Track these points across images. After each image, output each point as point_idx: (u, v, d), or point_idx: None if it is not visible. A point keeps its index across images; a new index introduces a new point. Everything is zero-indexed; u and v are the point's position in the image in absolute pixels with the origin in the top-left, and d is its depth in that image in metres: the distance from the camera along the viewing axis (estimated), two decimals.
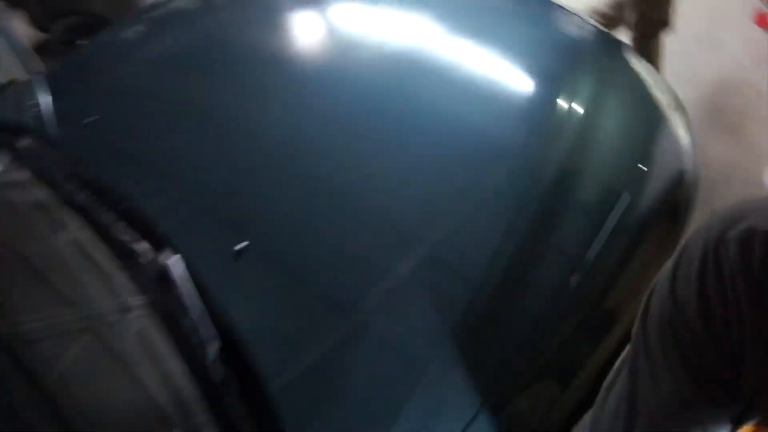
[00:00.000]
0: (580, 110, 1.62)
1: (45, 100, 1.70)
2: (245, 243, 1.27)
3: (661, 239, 1.52)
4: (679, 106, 1.80)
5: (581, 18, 1.98)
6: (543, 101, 1.64)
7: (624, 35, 2.43)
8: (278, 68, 1.69)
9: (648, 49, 2.49)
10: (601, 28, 1.97)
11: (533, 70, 1.73)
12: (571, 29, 1.99)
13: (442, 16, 1.88)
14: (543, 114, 1.60)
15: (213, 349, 1.12)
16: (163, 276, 1.23)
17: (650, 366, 0.71)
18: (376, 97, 1.61)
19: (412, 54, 1.74)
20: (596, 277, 1.36)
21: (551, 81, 1.68)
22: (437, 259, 1.32)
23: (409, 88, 1.64)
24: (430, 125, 1.55)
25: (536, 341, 1.27)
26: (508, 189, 1.41)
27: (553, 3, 2.05)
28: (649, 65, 1.88)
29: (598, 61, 1.88)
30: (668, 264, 0.72)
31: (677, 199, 1.59)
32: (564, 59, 1.80)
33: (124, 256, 1.28)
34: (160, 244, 1.28)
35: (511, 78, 1.72)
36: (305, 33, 1.86)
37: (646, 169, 1.57)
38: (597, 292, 1.36)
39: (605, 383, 0.79)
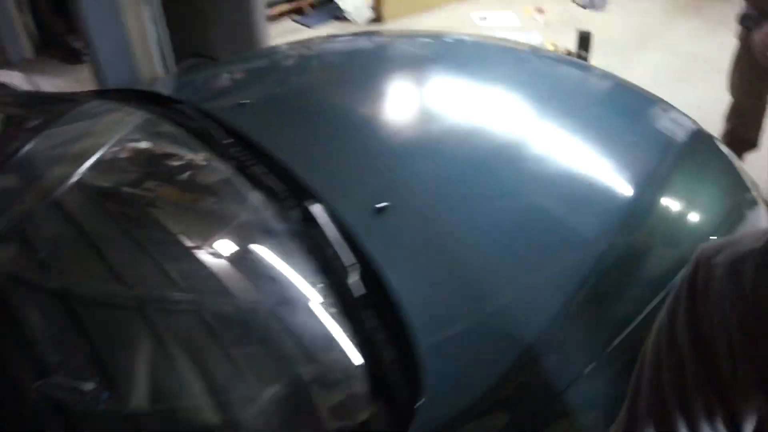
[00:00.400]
0: (662, 198, 1.71)
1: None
2: (385, 203, 1.42)
3: None
4: (761, 195, 1.94)
5: (677, 110, 2.16)
6: (626, 193, 1.71)
7: None
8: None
9: None
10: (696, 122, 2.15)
11: (622, 162, 1.82)
12: (664, 122, 2.17)
13: (543, 105, 2.06)
14: (623, 206, 1.66)
15: (354, 273, 1.25)
16: (307, 216, 1.37)
17: (646, 405, 0.73)
18: (476, 175, 1.69)
19: (512, 137, 1.87)
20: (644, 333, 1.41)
21: (639, 174, 1.76)
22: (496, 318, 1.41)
23: (503, 167, 1.74)
24: (513, 206, 1.61)
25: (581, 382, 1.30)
26: (574, 272, 1.44)
27: (650, 95, 2.26)
28: (737, 158, 2.04)
29: (688, 152, 2.03)
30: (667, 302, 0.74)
31: None
32: (654, 151, 1.90)
33: (272, 199, 1.43)
34: (304, 195, 1.44)
35: (601, 169, 1.81)
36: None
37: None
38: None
39: None
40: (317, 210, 1.39)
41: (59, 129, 1.75)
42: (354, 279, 1.24)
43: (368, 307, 1.21)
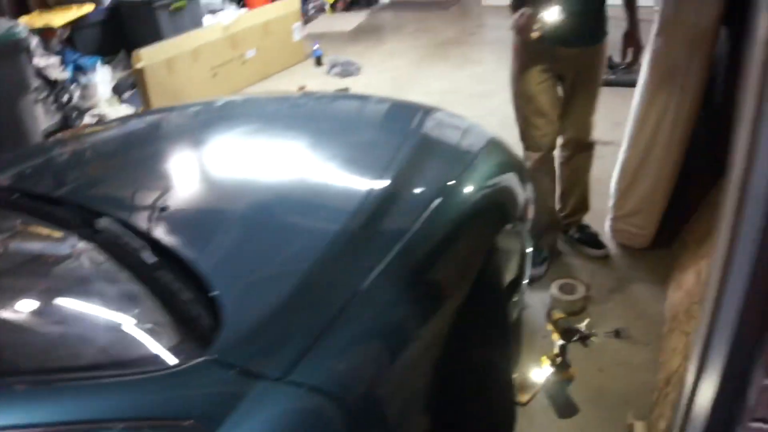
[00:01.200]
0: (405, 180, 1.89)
1: None
2: (166, 205, 1.72)
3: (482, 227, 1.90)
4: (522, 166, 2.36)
5: (450, 114, 2.51)
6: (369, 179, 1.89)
7: None
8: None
9: None
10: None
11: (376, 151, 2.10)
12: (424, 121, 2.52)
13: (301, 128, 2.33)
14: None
15: (147, 253, 1.51)
16: (98, 230, 1.62)
17: None
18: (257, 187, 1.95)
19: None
20: (416, 252, 1.60)
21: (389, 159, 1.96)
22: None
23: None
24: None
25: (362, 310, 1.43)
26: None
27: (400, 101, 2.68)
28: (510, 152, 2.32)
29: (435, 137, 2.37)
30: None
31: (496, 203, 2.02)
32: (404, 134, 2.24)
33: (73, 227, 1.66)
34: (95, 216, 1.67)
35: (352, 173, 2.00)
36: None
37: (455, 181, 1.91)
38: (420, 263, 1.60)
39: None
40: (104, 222, 1.63)
41: None
42: (146, 252, 1.51)
43: (164, 269, 1.47)
